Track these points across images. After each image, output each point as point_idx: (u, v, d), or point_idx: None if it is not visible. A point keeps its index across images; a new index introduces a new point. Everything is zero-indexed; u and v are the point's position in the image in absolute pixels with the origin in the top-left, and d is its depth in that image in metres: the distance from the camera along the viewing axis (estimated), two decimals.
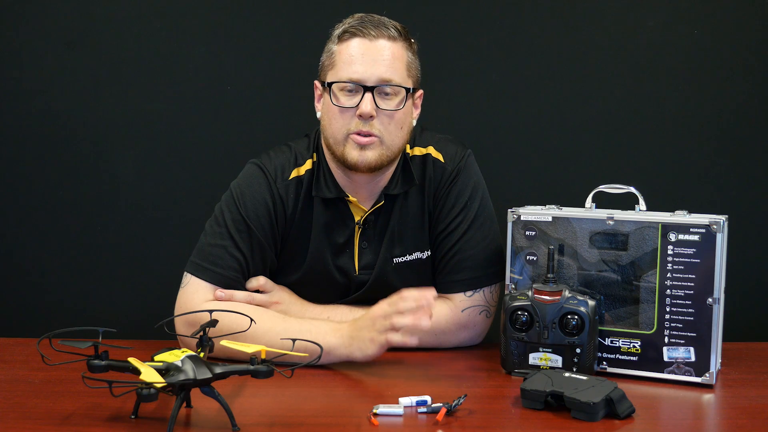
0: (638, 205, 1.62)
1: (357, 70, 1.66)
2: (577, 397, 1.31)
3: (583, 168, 2.33)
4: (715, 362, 1.52)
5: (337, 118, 1.68)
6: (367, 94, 1.65)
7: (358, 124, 1.66)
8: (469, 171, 1.78)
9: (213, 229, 1.73)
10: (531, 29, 2.34)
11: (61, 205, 2.33)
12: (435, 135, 1.81)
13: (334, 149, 1.70)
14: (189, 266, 1.71)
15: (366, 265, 1.76)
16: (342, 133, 1.68)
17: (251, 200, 1.72)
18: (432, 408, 1.34)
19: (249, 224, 1.70)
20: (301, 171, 1.75)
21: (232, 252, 1.69)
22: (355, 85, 1.65)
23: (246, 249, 1.70)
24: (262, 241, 1.71)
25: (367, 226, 1.75)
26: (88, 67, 2.30)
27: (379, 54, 1.66)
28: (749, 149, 2.33)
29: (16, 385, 1.48)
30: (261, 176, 1.74)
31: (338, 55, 1.68)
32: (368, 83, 1.65)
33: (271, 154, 1.77)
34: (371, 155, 1.67)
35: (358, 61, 1.66)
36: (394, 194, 1.75)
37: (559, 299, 1.51)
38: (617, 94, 2.34)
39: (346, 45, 1.68)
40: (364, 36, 1.67)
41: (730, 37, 2.31)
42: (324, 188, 1.73)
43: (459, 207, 1.75)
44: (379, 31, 1.67)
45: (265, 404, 1.41)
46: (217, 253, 1.69)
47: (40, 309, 2.33)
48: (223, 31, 2.32)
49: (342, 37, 1.69)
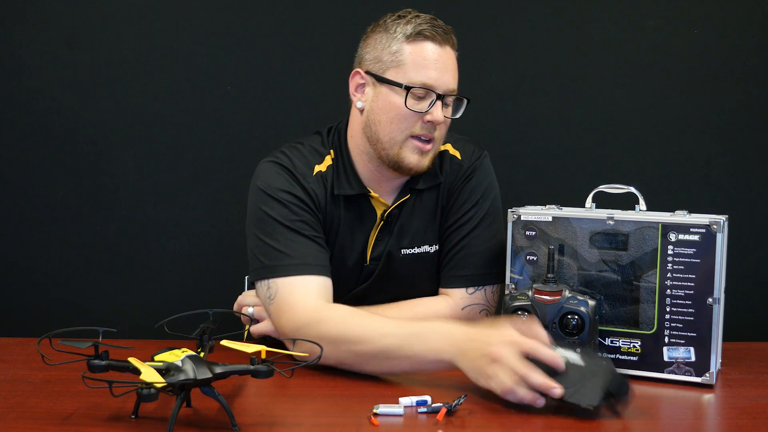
0: (638, 205, 1.62)
1: (431, 75, 1.64)
2: (578, 402, 1.31)
3: (583, 168, 2.33)
4: (715, 362, 1.52)
5: (401, 119, 1.66)
6: (438, 102, 1.65)
7: (422, 129, 1.66)
8: (485, 170, 1.80)
9: (266, 230, 1.67)
10: (531, 29, 2.34)
11: (61, 205, 2.33)
12: (453, 135, 1.82)
13: (387, 149, 1.68)
14: (262, 273, 1.65)
15: (377, 256, 1.77)
16: (403, 134, 1.67)
17: (287, 192, 1.68)
18: (432, 408, 1.34)
19: (297, 212, 1.67)
20: (323, 168, 1.74)
21: (299, 240, 1.65)
22: (426, 91, 1.65)
23: (310, 234, 1.67)
24: (317, 225, 1.69)
25: (390, 220, 1.76)
26: (88, 67, 2.30)
27: (449, 62, 1.67)
28: (749, 149, 2.33)
29: (16, 385, 1.48)
30: (285, 172, 1.71)
31: (410, 57, 1.65)
32: (439, 90, 1.65)
33: (286, 152, 1.74)
34: (427, 161, 1.70)
35: (432, 67, 1.64)
36: (419, 189, 1.76)
37: (559, 299, 1.51)
38: (617, 94, 2.34)
39: (420, 48, 1.65)
40: (436, 42, 1.65)
41: (730, 37, 2.31)
42: (345, 185, 1.73)
43: (471, 203, 1.77)
44: (447, 38, 1.67)
45: (265, 404, 1.41)
46: (286, 246, 1.64)
47: (40, 309, 2.33)
48: (223, 31, 2.32)
49: (413, 38, 1.65)
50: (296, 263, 1.63)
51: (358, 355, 1.50)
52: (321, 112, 2.19)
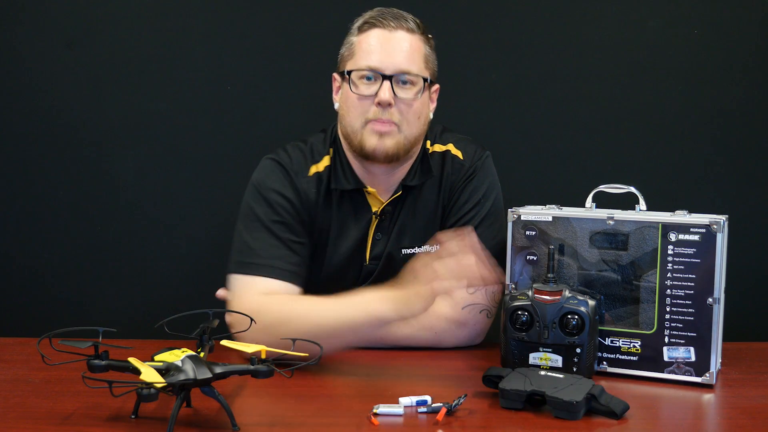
0: (638, 205, 1.62)
1: (376, 58, 1.68)
2: (559, 396, 1.31)
3: (583, 168, 2.33)
4: (715, 362, 1.52)
5: (355, 106, 1.70)
6: (385, 82, 1.67)
7: (376, 112, 1.68)
8: (486, 170, 1.81)
9: (247, 225, 1.72)
10: (531, 29, 2.34)
11: (62, 204, 2.33)
12: (455, 134, 1.85)
13: (352, 138, 1.72)
14: (233, 267, 1.69)
15: (376, 255, 1.78)
16: (360, 121, 1.69)
17: (277, 192, 1.72)
18: (432, 408, 1.34)
19: (281, 215, 1.71)
20: (320, 167, 1.77)
21: (273, 243, 1.68)
22: (374, 74, 1.68)
23: (286, 238, 1.69)
24: (298, 229, 1.71)
25: (384, 217, 1.77)
26: (88, 67, 2.30)
27: (398, 44, 1.69)
28: (749, 149, 2.33)
29: (16, 385, 1.48)
30: (281, 170, 1.75)
31: (357, 45, 1.71)
32: (387, 72, 1.68)
33: (288, 150, 1.78)
34: (389, 142, 1.69)
35: (377, 50, 1.69)
36: (411, 186, 1.77)
37: (559, 299, 1.51)
38: (617, 94, 2.34)
39: (366, 35, 1.71)
40: (384, 27, 1.70)
41: (730, 37, 2.31)
42: (343, 180, 1.75)
43: (472, 203, 1.78)
44: (398, 23, 1.70)
45: (265, 404, 1.41)
46: (260, 246, 1.68)
47: (40, 309, 2.33)
48: (223, 31, 2.32)
49: (362, 28, 1.72)
50: (262, 264, 1.67)
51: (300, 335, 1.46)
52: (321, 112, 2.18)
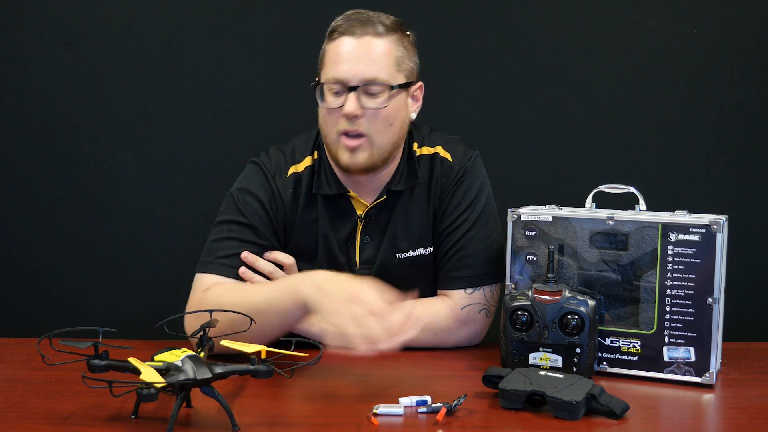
0: (638, 205, 1.62)
1: (341, 69, 1.66)
2: (559, 396, 1.31)
3: (583, 168, 2.33)
4: (715, 362, 1.51)
5: (326, 118, 1.69)
6: (351, 94, 1.65)
7: (345, 124, 1.66)
8: (476, 171, 1.79)
9: (214, 228, 1.74)
10: (531, 29, 2.34)
11: (61, 204, 2.33)
12: (443, 135, 1.82)
13: (330, 149, 1.72)
14: (197, 267, 1.71)
15: (367, 260, 1.77)
16: (333, 133, 1.69)
17: (249, 195, 1.73)
18: (432, 408, 1.34)
19: (247, 217, 1.71)
20: (300, 168, 1.76)
21: (230, 243, 1.70)
22: (340, 86, 1.66)
23: (245, 239, 1.70)
24: (263, 233, 1.71)
25: (369, 221, 1.76)
26: (88, 67, 2.31)
27: (363, 52, 1.66)
28: (749, 149, 2.33)
29: (16, 385, 1.48)
30: (259, 173, 1.75)
31: (326, 55, 1.70)
32: (351, 83, 1.65)
33: (270, 151, 1.79)
34: (361, 157, 1.68)
35: (343, 60, 1.66)
36: (396, 190, 1.76)
37: (559, 299, 1.51)
38: (617, 94, 2.34)
39: (334, 44, 1.68)
40: (351, 34, 1.66)
41: (730, 37, 2.31)
42: (324, 185, 1.75)
43: (464, 205, 1.76)
44: (364, 29, 1.66)
45: (265, 404, 1.41)
46: (217, 246, 1.70)
47: (40, 309, 2.33)
48: (223, 31, 2.32)
49: (331, 36, 1.69)
50: (213, 262, 1.68)
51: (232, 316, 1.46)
52: None
